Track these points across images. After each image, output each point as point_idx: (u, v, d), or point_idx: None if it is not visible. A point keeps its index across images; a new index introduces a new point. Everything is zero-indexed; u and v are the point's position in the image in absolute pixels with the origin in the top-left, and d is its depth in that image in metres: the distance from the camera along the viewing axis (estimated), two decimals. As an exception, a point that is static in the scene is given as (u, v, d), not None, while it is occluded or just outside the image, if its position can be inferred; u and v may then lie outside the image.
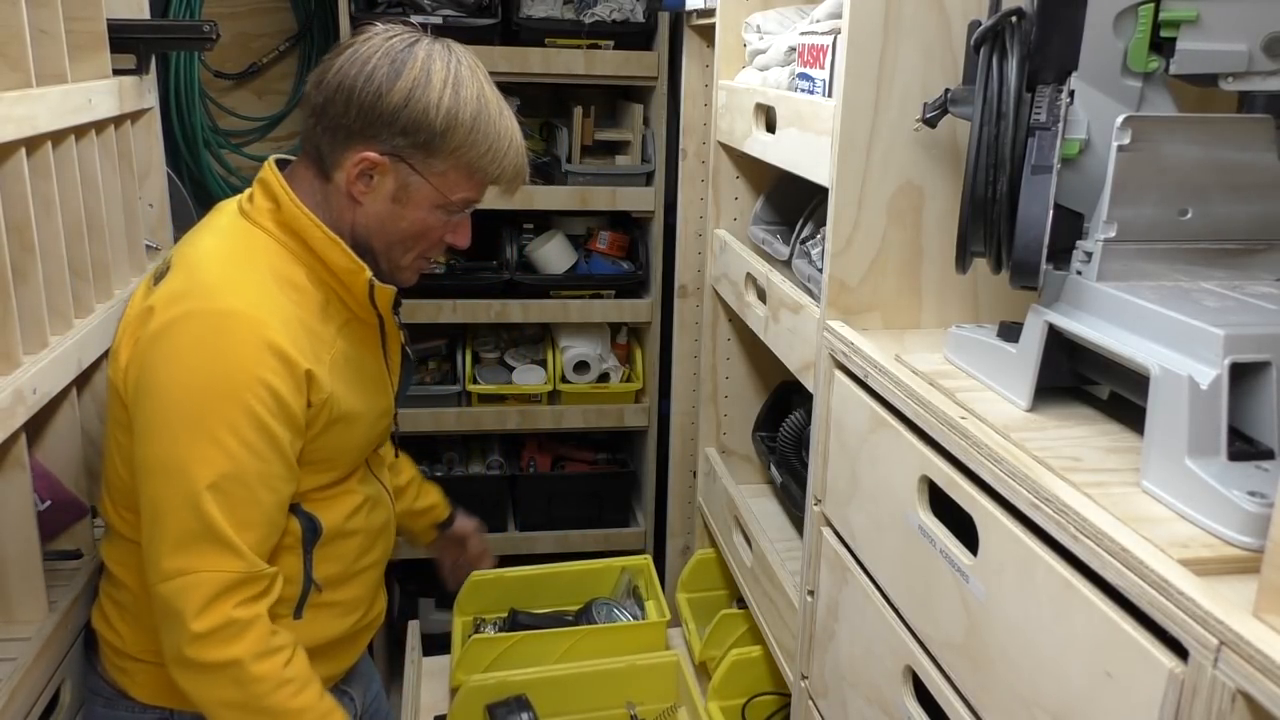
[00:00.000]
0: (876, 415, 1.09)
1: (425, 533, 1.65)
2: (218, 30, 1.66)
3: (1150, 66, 0.90)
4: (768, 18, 1.62)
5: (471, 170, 1.17)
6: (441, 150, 1.14)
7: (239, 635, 1.08)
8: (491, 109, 1.16)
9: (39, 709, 1.18)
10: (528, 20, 2.33)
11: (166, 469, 1.07)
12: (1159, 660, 0.67)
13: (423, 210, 1.18)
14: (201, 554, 1.06)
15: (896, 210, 1.21)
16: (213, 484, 1.06)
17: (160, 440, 1.07)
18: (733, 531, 1.76)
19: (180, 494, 1.06)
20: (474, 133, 1.14)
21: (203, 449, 1.05)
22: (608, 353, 2.59)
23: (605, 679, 1.78)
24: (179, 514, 1.06)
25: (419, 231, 1.20)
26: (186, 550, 1.06)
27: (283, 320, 1.10)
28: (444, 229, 1.22)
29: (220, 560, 1.07)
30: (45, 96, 1.25)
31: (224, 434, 1.05)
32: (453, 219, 1.21)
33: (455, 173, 1.16)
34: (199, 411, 1.05)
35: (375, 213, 1.18)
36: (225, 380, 1.06)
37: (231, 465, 1.06)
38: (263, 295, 1.11)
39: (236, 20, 2.55)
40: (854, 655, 1.18)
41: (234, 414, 1.06)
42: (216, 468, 1.06)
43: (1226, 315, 0.80)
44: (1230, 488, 0.72)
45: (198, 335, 1.07)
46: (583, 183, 2.41)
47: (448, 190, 1.17)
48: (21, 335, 1.20)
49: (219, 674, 1.08)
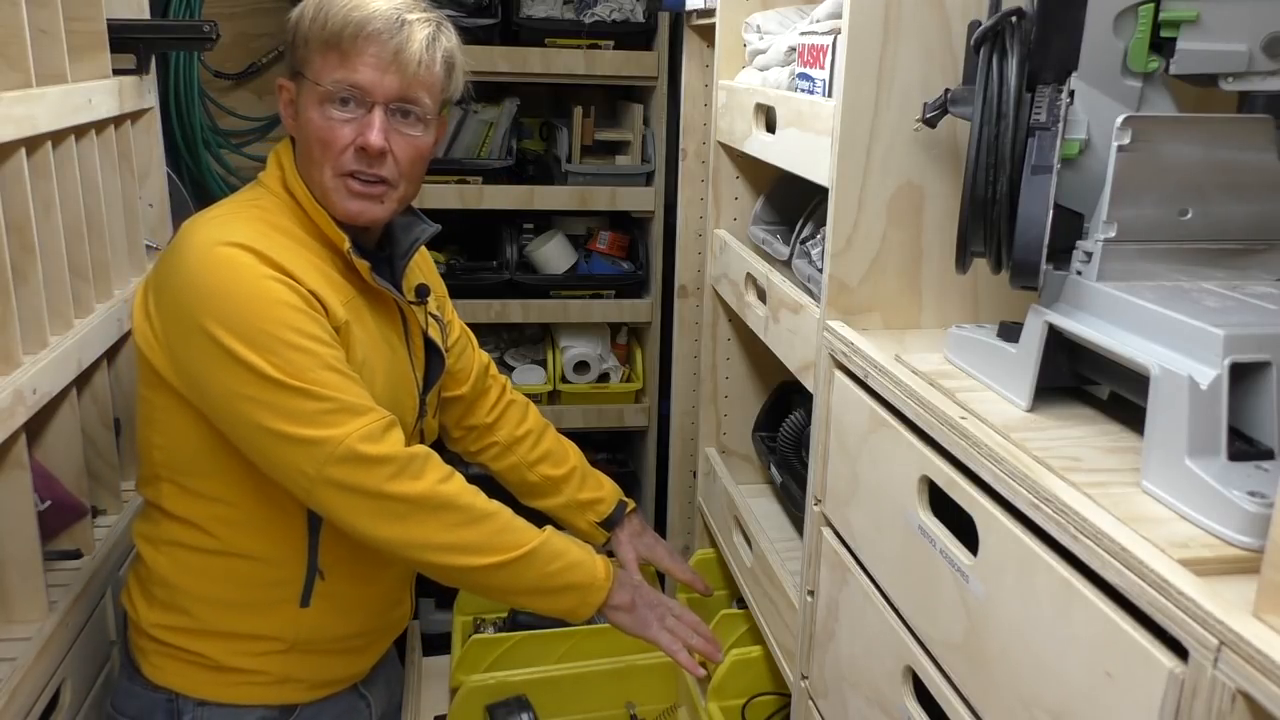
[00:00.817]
0: (876, 415, 1.09)
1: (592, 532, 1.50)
2: (218, 30, 1.66)
3: (1150, 66, 0.90)
4: (768, 18, 1.62)
5: (325, 43, 1.11)
6: (305, 46, 1.13)
7: (424, 466, 1.10)
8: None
9: (39, 709, 1.18)
10: (528, 20, 2.33)
11: (257, 390, 1.05)
12: (1159, 660, 0.67)
13: (313, 112, 1.12)
14: (337, 422, 1.05)
15: (896, 210, 1.21)
16: (307, 377, 1.05)
17: (235, 372, 1.05)
18: (733, 531, 1.76)
19: (286, 396, 1.04)
20: (324, 4, 1.11)
21: (280, 355, 1.04)
22: (608, 353, 2.59)
23: (605, 679, 1.78)
24: (297, 407, 1.05)
25: (321, 139, 1.12)
26: (323, 425, 1.05)
27: (283, 253, 1.10)
28: (341, 128, 1.12)
29: (360, 418, 1.07)
30: (45, 96, 1.25)
31: (285, 333, 1.05)
32: (344, 113, 1.12)
33: (318, 57, 1.12)
34: (250, 330, 1.04)
35: (298, 143, 1.18)
36: (254, 293, 1.05)
37: (309, 359, 1.06)
38: (260, 235, 1.10)
39: (236, 20, 2.55)
40: (854, 655, 1.18)
41: (280, 312, 1.06)
42: (299, 365, 1.05)
43: (1226, 315, 0.80)
44: (1230, 488, 0.71)
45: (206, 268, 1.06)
46: (583, 183, 2.41)
47: (317, 78, 1.12)
48: (21, 335, 1.20)
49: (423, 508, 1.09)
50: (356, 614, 1.25)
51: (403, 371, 1.25)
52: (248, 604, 1.18)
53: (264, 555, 1.17)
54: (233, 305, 1.04)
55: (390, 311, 1.24)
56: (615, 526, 1.49)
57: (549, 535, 1.18)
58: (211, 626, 1.18)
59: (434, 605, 2.55)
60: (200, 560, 1.17)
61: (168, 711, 1.18)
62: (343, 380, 1.08)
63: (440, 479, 1.11)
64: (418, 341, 1.29)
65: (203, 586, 1.17)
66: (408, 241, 1.28)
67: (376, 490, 1.06)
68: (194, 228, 1.11)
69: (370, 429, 1.06)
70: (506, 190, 2.38)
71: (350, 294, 1.17)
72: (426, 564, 1.13)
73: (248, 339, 1.04)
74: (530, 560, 1.14)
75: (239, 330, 1.04)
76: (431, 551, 1.11)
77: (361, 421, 1.06)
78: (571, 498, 1.48)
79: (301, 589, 1.18)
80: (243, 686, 1.19)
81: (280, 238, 1.12)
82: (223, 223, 1.11)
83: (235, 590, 1.17)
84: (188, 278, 1.07)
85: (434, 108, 1.17)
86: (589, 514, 1.47)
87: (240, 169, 2.65)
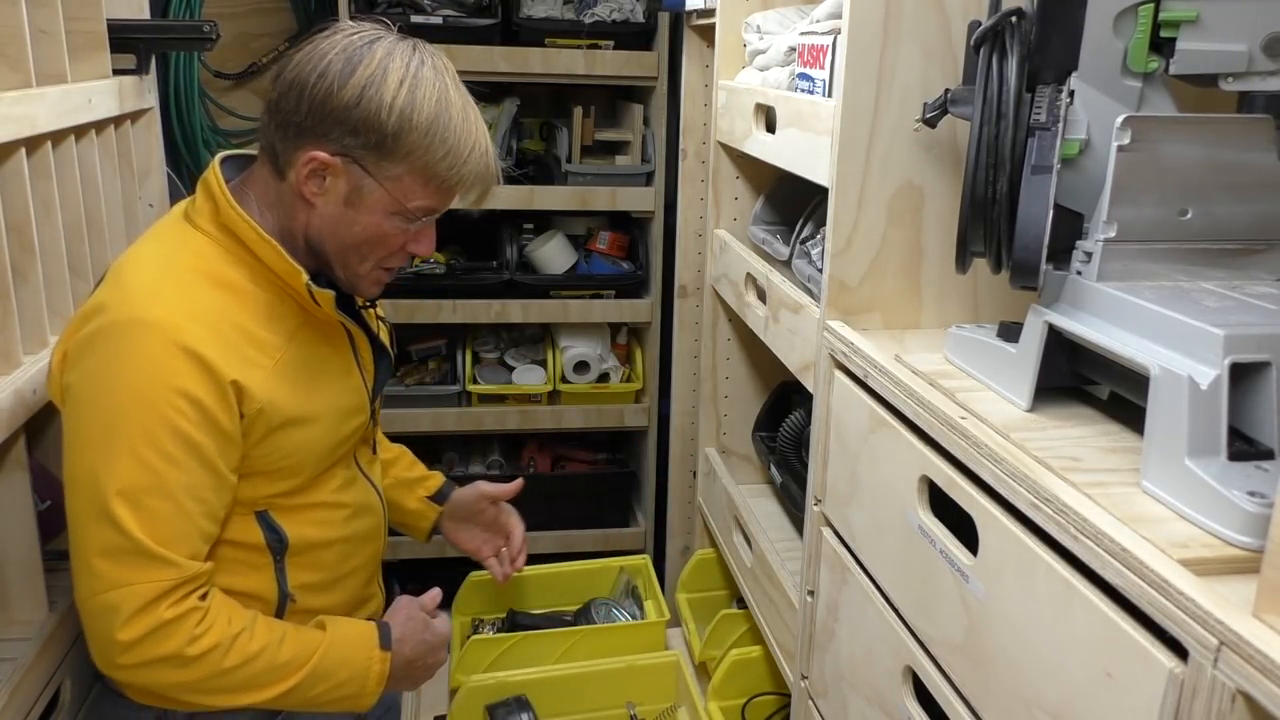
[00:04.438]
0: (876, 415, 1.09)
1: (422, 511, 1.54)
2: (218, 30, 1.66)
3: (1150, 66, 0.90)
4: (768, 18, 1.62)
5: (428, 176, 1.10)
6: (395, 153, 1.08)
7: (172, 633, 1.06)
8: (454, 112, 1.10)
9: (39, 709, 1.18)
10: (528, 20, 2.33)
11: (84, 483, 1.04)
12: (1159, 660, 0.67)
13: (377, 216, 1.11)
14: (129, 566, 1.04)
15: (896, 210, 1.21)
16: (130, 498, 1.03)
17: (80, 454, 1.04)
18: (733, 531, 1.76)
19: (99, 508, 1.03)
20: (430, 136, 1.07)
21: (119, 463, 1.02)
22: (608, 353, 2.59)
23: (605, 679, 1.78)
24: (100, 528, 1.03)
25: (374, 238, 1.12)
26: (115, 562, 1.04)
27: (209, 327, 1.06)
28: (402, 237, 1.14)
29: (150, 571, 1.04)
30: (45, 96, 1.25)
31: (141, 446, 1.03)
32: (412, 227, 1.14)
33: (410, 178, 1.09)
34: (114, 425, 1.03)
35: (328, 216, 1.12)
36: (141, 393, 1.03)
37: (149, 478, 1.03)
38: (187, 301, 1.06)
39: (236, 20, 2.55)
40: (854, 655, 1.18)
41: (150, 425, 1.03)
42: (132, 481, 1.03)
43: (1226, 315, 0.80)
44: (1230, 488, 0.72)
45: (112, 348, 1.04)
46: (583, 183, 2.41)
47: (402, 196, 1.10)
48: (21, 335, 1.20)
49: (159, 667, 1.07)
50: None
51: (353, 390, 1.25)
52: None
53: (237, 588, 1.16)
54: (118, 395, 1.02)
55: (334, 332, 1.22)
56: (444, 502, 1.55)
57: (316, 662, 1.15)
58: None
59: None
60: None
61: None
62: (172, 514, 1.04)
63: (187, 641, 1.06)
64: (366, 354, 1.28)
65: None
66: None
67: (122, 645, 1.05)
68: (124, 285, 1.07)
69: (152, 590, 1.04)
70: (506, 190, 2.38)
71: (285, 340, 1.14)
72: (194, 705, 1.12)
73: (109, 433, 1.03)
74: (292, 693, 1.13)
75: (108, 420, 1.03)
76: (192, 694, 1.10)
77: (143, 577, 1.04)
78: (398, 477, 1.52)
79: (274, 612, 1.20)
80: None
81: (214, 297, 1.09)
82: (154, 285, 1.07)
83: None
84: (98, 348, 1.04)
85: None
86: (417, 490, 1.53)
87: (240, 169, 2.65)
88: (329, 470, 1.23)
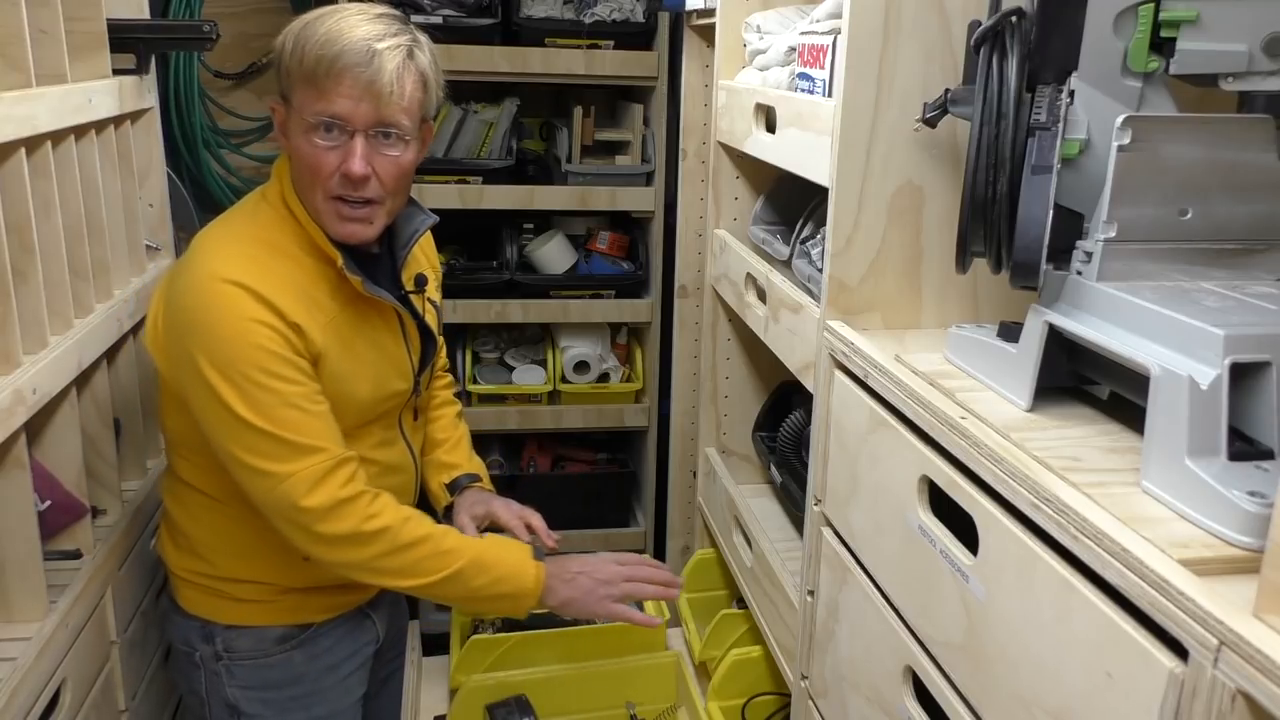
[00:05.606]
0: (876, 415, 1.09)
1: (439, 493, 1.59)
2: (218, 30, 1.66)
3: (1150, 66, 0.89)
4: (768, 18, 1.62)
5: (306, 77, 1.16)
6: (289, 73, 1.18)
7: (349, 511, 1.20)
8: (330, 20, 1.17)
9: (39, 709, 1.18)
10: (528, 20, 2.33)
11: (222, 419, 1.17)
12: (1159, 660, 0.67)
13: (299, 139, 1.19)
14: (287, 460, 1.18)
15: (896, 210, 1.21)
16: (264, 413, 1.16)
17: (207, 398, 1.17)
18: (733, 531, 1.76)
19: (243, 428, 1.16)
20: (300, 38, 1.17)
21: (243, 393, 1.16)
22: (608, 353, 2.59)
23: (605, 679, 1.78)
24: (253, 441, 1.17)
25: (309, 165, 1.19)
26: (276, 460, 1.17)
27: (274, 282, 1.18)
28: (327, 156, 1.18)
29: (307, 459, 1.18)
30: (45, 96, 1.25)
31: (253, 374, 1.16)
32: (327, 141, 1.18)
33: (301, 88, 1.17)
34: (225, 365, 1.15)
35: (291, 163, 1.23)
36: (236, 334, 1.15)
37: (271, 396, 1.16)
38: (251, 262, 1.18)
39: (236, 20, 2.56)
40: (854, 655, 1.18)
41: (252, 356, 1.16)
42: (258, 401, 1.16)
43: (1226, 315, 0.80)
44: (1230, 488, 0.72)
45: (201, 301, 1.16)
46: (583, 183, 2.41)
47: (300, 108, 1.18)
48: (21, 335, 1.20)
49: (342, 545, 1.21)
50: None
51: (397, 361, 1.35)
52: (255, 553, 1.30)
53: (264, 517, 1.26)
54: (216, 342, 1.16)
55: (384, 308, 1.31)
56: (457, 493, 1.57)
57: (477, 554, 1.28)
58: (226, 573, 1.32)
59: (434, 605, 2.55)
60: (210, 516, 1.31)
61: (202, 635, 1.34)
62: (302, 418, 1.19)
63: (366, 517, 1.22)
64: (413, 332, 1.37)
65: (215, 538, 1.32)
66: (408, 232, 1.35)
67: (308, 527, 1.20)
68: (201, 251, 1.21)
69: (313, 473, 1.18)
70: (506, 190, 2.38)
71: (339, 306, 1.25)
72: (366, 582, 1.28)
73: (224, 374, 1.16)
74: (456, 579, 1.26)
75: (218, 364, 1.16)
76: (367, 574, 1.25)
77: (307, 463, 1.18)
78: (435, 458, 1.58)
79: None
80: (262, 613, 1.34)
81: (275, 261, 1.21)
82: (224, 250, 1.20)
83: (243, 541, 1.30)
84: (187, 307, 1.17)
85: (413, 127, 1.22)
86: (442, 475, 1.58)
87: (240, 169, 2.65)
88: (366, 427, 1.32)
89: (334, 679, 1.40)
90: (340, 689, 1.42)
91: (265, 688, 1.35)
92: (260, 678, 1.35)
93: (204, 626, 1.34)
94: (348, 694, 1.43)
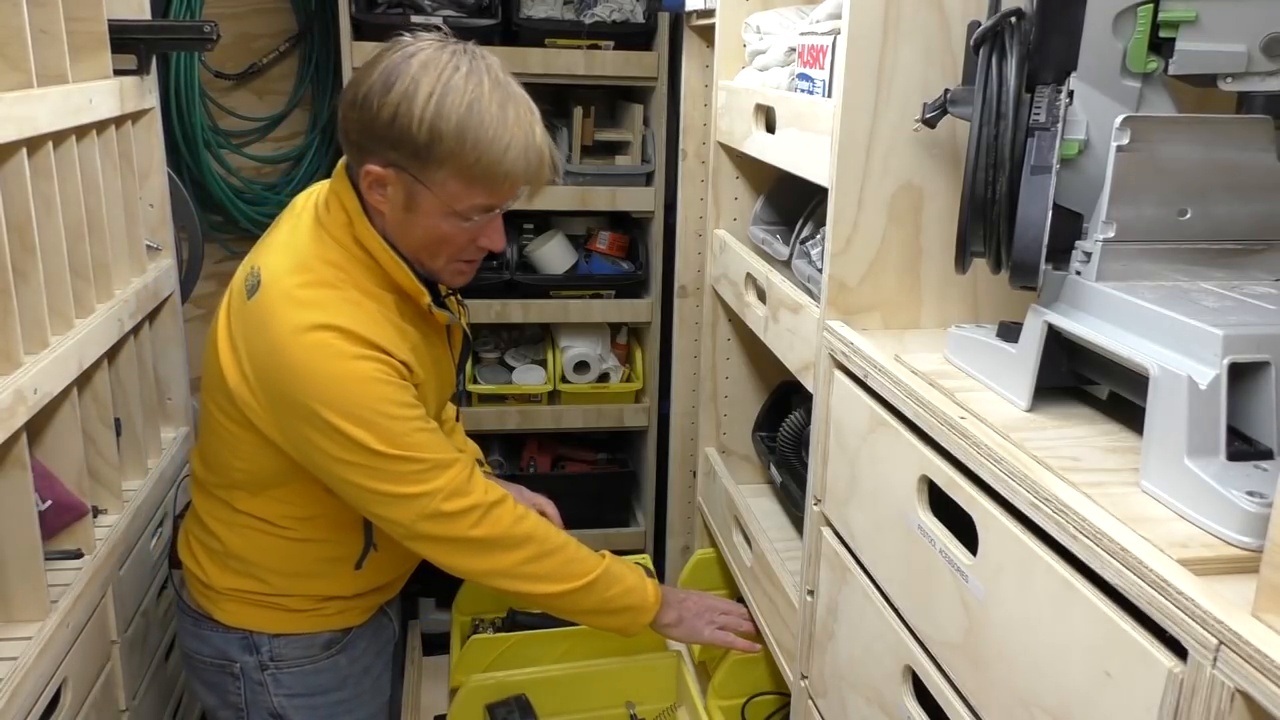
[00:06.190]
0: (876, 415, 1.09)
1: None
2: (218, 30, 1.66)
3: (1149, 67, 0.90)
4: (768, 18, 1.62)
5: (469, 178, 1.16)
6: (433, 161, 1.14)
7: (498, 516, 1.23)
8: (485, 116, 1.13)
9: (40, 708, 1.19)
10: (528, 20, 2.33)
11: (364, 457, 1.17)
12: (1158, 660, 0.67)
13: (434, 218, 1.19)
14: (430, 480, 1.19)
15: (896, 210, 1.21)
16: (398, 443, 1.17)
17: (344, 445, 1.16)
18: (733, 531, 1.76)
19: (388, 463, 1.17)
20: (460, 142, 1.13)
21: (373, 430, 1.16)
22: (608, 353, 2.59)
23: (605, 679, 1.78)
24: (396, 470, 1.18)
25: (437, 238, 1.21)
26: (419, 481, 1.18)
27: (363, 318, 1.18)
28: (466, 234, 1.22)
29: (448, 472, 1.20)
30: (46, 96, 1.26)
31: (381, 408, 1.16)
32: (473, 224, 1.21)
33: (454, 181, 1.16)
34: (352, 408, 1.15)
35: (395, 221, 1.21)
36: (346, 375, 1.15)
37: (400, 425, 1.18)
38: (338, 304, 1.18)
39: (236, 20, 2.55)
40: (854, 655, 1.18)
41: (373, 390, 1.16)
42: (392, 432, 1.17)
43: (1226, 315, 0.80)
44: (1229, 488, 0.72)
45: (301, 356, 1.15)
46: (583, 183, 2.41)
47: (451, 199, 1.17)
48: (22, 335, 1.20)
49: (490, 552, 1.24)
50: (399, 564, 1.41)
51: (448, 372, 1.39)
52: (313, 573, 1.33)
53: (327, 538, 1.31)
54: (334, 388, 1.15)
55: (437, 323, 1.33)
56: None
57: (609, 563, 1.33)
58: (282, 590, 1.33)
59: (434, 605, 2.55)
60: (271, 542, 1.31)
61: (245, 645, 1.33)
62: (430, 438, 1.20)
63: (515, 519, 1.26)
64: (457, 337, 1.41)
65: (274, 562, 1.32)
66: None
67: (462, 536, 1.22)
68: (280, 301, 1.17)
69: (456, 483, 1.21)
70: (506, 190, 2.38)
71: (414, 329, 1.26)
72: (505, 590, 1.29)
73: (351, 416, 1.15)
74: (592, 587, 1.30)
75: (342, 409, 1.15)
76: (510, 580, 1.27)
77: (449, 475, 1.20)
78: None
79: (358, 558, 1.33)
80: (311, 621, 1.35)
81: (360, 303, 1.20)
82: (307, 299, 1.18)
83: (302, 564, 1.32)
84: (288, 364, 1.16)
85: None
86: None
87: (240, 169, 2.65)
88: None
89: (369, 680, 1.43)
90: (374, 689, 1.45)
91: (312, 693, 1.37)
92: (308, 684, 1.36)
93: (246, 637, 1.33)
94: (380, 694, 1.46)
